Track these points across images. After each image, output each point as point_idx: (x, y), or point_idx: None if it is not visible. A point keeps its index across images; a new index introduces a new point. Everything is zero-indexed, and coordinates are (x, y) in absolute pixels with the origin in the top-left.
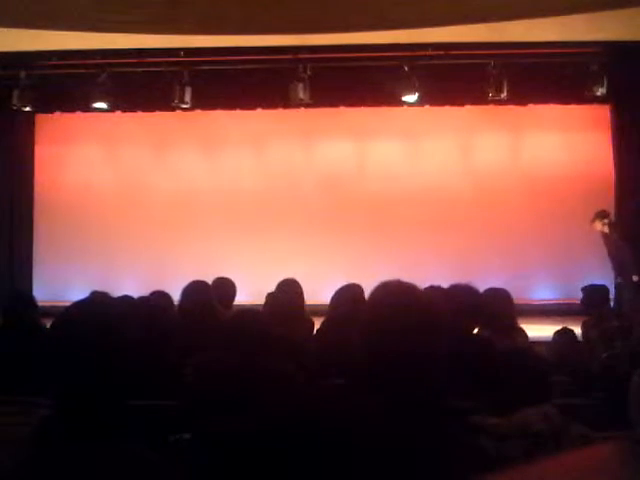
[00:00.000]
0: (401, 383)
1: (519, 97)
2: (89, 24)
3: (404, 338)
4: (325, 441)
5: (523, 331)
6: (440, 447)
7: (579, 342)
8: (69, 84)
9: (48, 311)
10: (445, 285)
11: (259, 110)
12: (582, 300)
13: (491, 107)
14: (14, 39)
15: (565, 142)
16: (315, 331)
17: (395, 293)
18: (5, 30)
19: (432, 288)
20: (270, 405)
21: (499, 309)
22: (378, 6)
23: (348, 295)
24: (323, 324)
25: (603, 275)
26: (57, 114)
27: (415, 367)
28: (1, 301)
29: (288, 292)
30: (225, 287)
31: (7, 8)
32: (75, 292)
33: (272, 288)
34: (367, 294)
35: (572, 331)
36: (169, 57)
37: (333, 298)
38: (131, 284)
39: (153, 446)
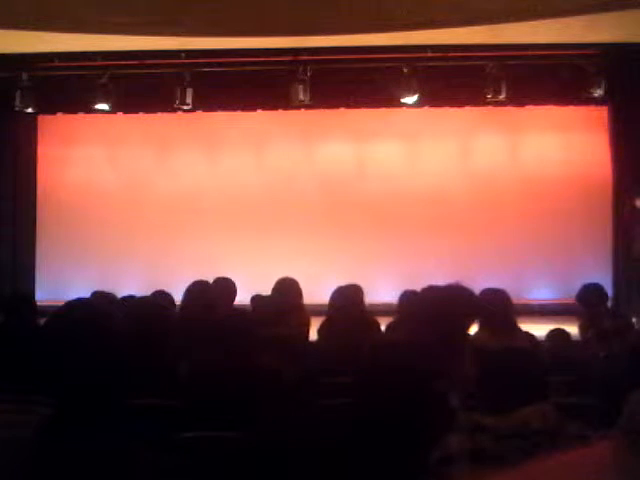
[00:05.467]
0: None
1: (518, 98)
2: (91, 26)
3: None
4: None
5: (522, 331)
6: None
7: (573, 341)
8: (71, 86)
9: (50, 311)
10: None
11: (259, 111)
12: (579, 298)
13: (490, 108)
14: (16, 41)
15: (563, 143)
16: (315, 330)
17: None
18: (7, 32)
19: (431, 288)
20: (265, 409)
21: (497, 309)
22: (378, 8)
23: (346, 295)
24: (323, 323)
25: (601, 275)
26: (59, 115)
27: None
28: (2, 300)
29: (284, 291)
30: (226, 287)
31: (9, 9)
32: (77, 292)
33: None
34: (367, 294)
35: (564, 330)
36: (170, 59)
37: (332, 297)
38: (133, 284)
39: (152, 445)
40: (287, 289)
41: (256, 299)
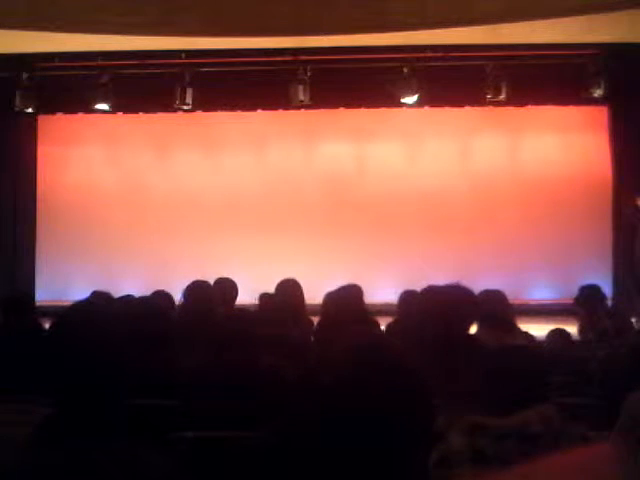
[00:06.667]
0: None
1: (518, 98)
2: (91, 26)
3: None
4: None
5: (522, 331)
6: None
7: (573, 342)
8: (71, 86)
9: (50, 311)
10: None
11: (259, 111)
12: (577, 300)
13: (490, 108)
14: (16, 41)
15: (563, 143)
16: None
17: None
18: (7, 32)
19: (431, 288)
20: (266, 409)
21: (495, 310)
22: (378, 8)
23: (346, 295)
24: (319, 323)
25: (601, 275)
26: (59, 115)
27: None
28: (2, 300)
29: (286, 292)
30: (227, 287)
31: (9, 10)
32: (77, 292)
33: (273, 288)
34: (366, 294)
35: (564, 330)
36: (170, 59)
37: (329, 298)
38: (133, 284)
39: (153, 445)
40: (289, 290)
41: (263, 298)
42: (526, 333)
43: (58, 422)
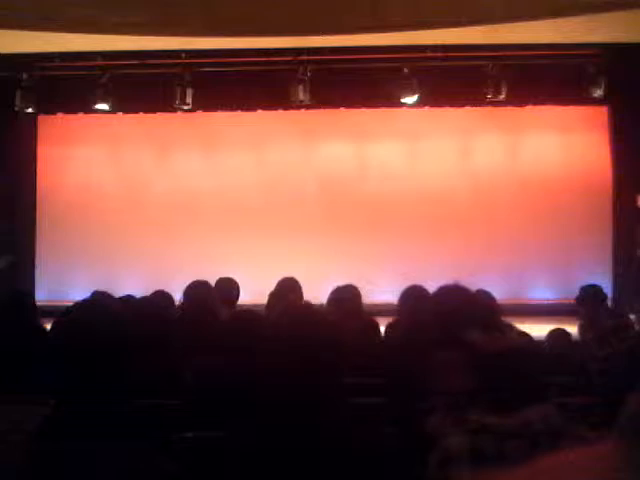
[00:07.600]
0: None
1: (517, 98)
2: (91, 26)
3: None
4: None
5: (521, 331)
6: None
7: (574, 342)
8: (71, 86)
9: (50, 311)
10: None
11: (260, 111)
12: (578, 299)
13: (490, 108)
14: (16, 41)
15: (563, 143)
16: None
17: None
18: (7, 32)
19: (413, 288)
20: (268, 408)
21: (488, 309)
22: (378, 8)
23: (344, 295)
24: None
25: (601, 275)
26: (59, 115)
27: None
28: (2, 300)
29: (286, 290)
30: (229, 287)
31: (9, 9)
32: (77, 292)
33: (273, 288)
34: (366, 294)
35: (564, 330)
36: (170, 59)
37: (329, 297)
38: (133, 284)
39: (154, 445)
40: (288, 289)
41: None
42: (525, 333)
43: (58, 422)
